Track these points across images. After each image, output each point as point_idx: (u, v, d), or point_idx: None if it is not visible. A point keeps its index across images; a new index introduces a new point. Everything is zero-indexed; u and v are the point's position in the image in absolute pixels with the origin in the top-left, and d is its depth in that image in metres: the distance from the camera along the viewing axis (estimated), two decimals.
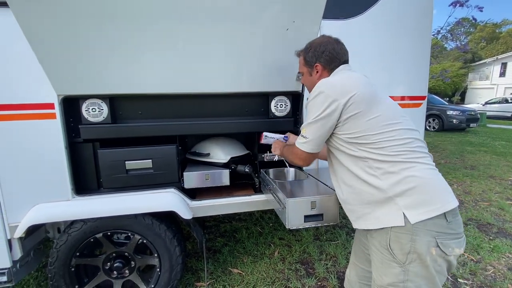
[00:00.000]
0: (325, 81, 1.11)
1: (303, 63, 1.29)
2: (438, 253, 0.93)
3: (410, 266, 0.95)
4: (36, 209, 1.51)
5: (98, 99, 1.56)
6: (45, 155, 1.49)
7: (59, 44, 1.32)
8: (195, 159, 1.99)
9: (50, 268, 1.58)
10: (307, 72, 1.28)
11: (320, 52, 1.20)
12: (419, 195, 0.95)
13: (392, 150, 1.00)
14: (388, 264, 0.99)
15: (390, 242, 0.98)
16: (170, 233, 1.68)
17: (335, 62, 1.20)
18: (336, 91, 1.06)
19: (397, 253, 0.97)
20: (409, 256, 0.94)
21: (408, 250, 0.94)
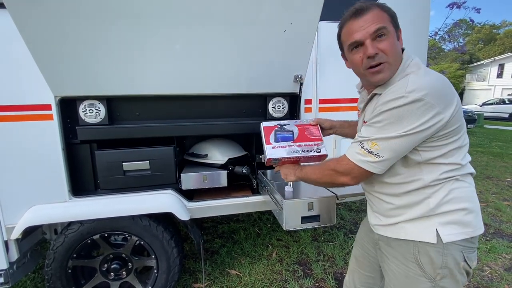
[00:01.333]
0: (426, 82, 0.81)
1: (388, 19, 0.88)
2: (465, 267, 0.90)
3: (441, 282, 0.88)
4: (32, 211, 1.50)
5: (95, 100, 1.56)
6: (42, 157, 1.49)
7: (56, 45, 1.32)
8: (192, 160, 1.99)
9: (46, 269, 1.58)
10: (393, 33, 0.88)
11: (396, 16, 0.91)
12: (457, 215, 0.88)
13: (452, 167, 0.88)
14: (416, 279, 0.91)
15: (420, 256, 0.89)
16: (168, 235, 1.68)
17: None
18: (442, 99, 0.80)
19: (427, 267, 0.89)
20: (441, 271, 0.88)
21: (440, 265, 0.87)
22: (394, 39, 0.88)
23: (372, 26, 0.85)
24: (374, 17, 0.86)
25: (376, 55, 0.86)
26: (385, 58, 0.86)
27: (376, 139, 0.84)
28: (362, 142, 0.88)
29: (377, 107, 0.86)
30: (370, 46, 0.86)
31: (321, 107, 1.87)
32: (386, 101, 0.83)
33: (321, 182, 1.04)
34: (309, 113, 1.85)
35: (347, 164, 0.91)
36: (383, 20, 0.86)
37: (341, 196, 1.39)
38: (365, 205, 3.50)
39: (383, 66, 0.87)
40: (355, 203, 3.49)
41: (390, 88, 0.85)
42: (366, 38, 0.86)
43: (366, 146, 0.86)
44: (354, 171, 0.90)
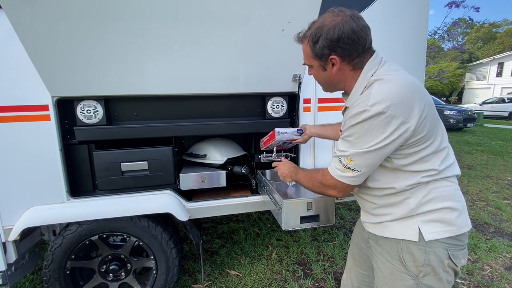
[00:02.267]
0: (388, 92, 0.81)
1: (310, 55, 0.93)
2: (450, 264, 0.90)
3: (424, 279, 0.89)
4: (30, 212, 1.50)
5: (93, 101, 1.55)
6: (40, 157, 1.48)
7: (53, 45, 1.31)
8: (191, 160, 1.99)
9: (45, 271, 1.57)
10: (318, 66, 0.94)
11: (335, 39, 0.85)
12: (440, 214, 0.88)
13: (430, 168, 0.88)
14: (400, 276, 0.92)
15: (403, 253, 0.91)
16: (166, 235, 1.68)
17: (357, 50, 0.87)
18: (405, 108, 0.79)
19: (410, 265, 0.90)
20: (423, 269, 0.89)
21: (422, 263, 0.88)
22: (317, 71, 0.97)
23: (303, 58, 0.99)
24: (303, 51, 0.98)
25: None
26: (316, 80, 1.03)
27: (350, 155, 0.87)
28: (340, 157, 0.90)
29: (346, 120, 0.89)
30: (308, 70, 1.03)
31: (320, 107, 1.87)
32: (352, 115, 0.85)
33: (312, 191, 1.07)
34: (308, 113, 1.84)
35: (331, 179, 0.94)
36: (307, 56, 0.96)
37: None
38: None
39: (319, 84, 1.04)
40: (355, 203, 3.49)
41: (356, 101, 0.87)
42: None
43: (344, 162, 0.89)
44: (338, 185, 0.93)
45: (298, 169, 1.19)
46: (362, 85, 0.89)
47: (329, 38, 0.85)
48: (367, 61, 0.90)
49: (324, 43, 0.87)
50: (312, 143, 1.89)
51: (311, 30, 0.90)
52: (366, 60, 0.90)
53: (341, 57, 0.88)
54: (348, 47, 0.86)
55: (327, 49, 0.87)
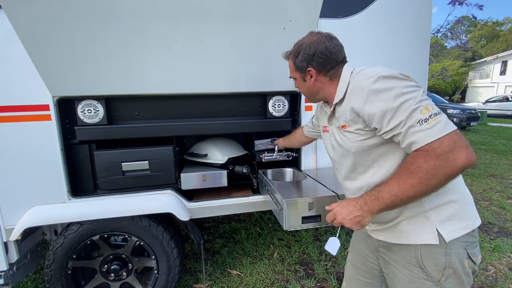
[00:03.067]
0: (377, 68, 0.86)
1: (293, 68, 1.09)
2: (470, 264, 0.88)
3: (446, 283, 0.86)
4: (31, 212, 1.50)
5: (94, 100, 1.55)
6: (41, 157, 1.48)
7: (53, 44, 1.31)
8: (192, 160, 1.98)
9: (46, 270, 1.57)
10: (300, 78, 1.08)
11: (311, 54, 0.99)
12: (452, 209, 0.86)
13: None
14: (421, 283, 0.88)
15: (422, 259, 0.87)
16: (168, 235, 1.67)
17: (330, 63, 0.99)
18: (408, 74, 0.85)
19: (431, 270, 0.86)
20: (445, 272, 0.85)
21: (443, 266, 0.85)
22: (300, 83, 1.11)
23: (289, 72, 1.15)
24: (289, 66, 1.14)
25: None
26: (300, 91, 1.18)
27: (418, 105, 0.75)
28: (418, 120, 0.74)
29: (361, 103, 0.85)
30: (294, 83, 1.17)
31: None
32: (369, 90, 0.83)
33: (431, 184, 0.74)
34: (310, 112, 1.83)
35: (441, 144, 0.71)
36: (291, 70, 1.12)
37: (341, 195, 1.36)
38: None
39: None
40: None
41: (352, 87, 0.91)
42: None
43: (426, 114, 0.73)
44: (453, 140, 0.71)
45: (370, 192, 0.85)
46: (345, 80, 0.96)
47: (306, 53, 1.00)
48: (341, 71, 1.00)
49: (302, 57, 1.02)
50: (314, 144, 1.87)
51: (294, 48, 1.07)
52: (341, 70, 1.00)
53: (317, 69, 1.01)
54: (322, 61, 0.99)
55: (305, 62, 1.02)
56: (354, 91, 0.90)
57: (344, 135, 0.97)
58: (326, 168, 1.90)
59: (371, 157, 0.92)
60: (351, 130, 0.93)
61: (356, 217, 0.86)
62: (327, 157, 1.89)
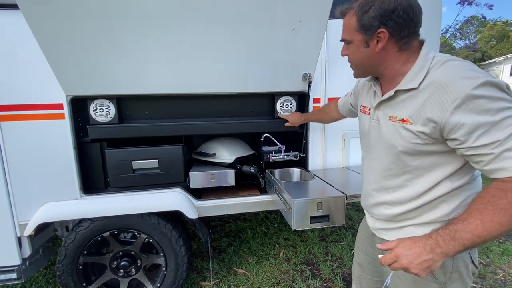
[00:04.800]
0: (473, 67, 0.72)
1: (354, 27, 0.83)
2: (473, 269, 0.86)
3: (452, 286, 0.84)
4: (45, 208, 1.54)
5: (106, 100, 1.58)
6: (54, 155, 1.51)
7: (68, 45, 1.34)
8: (200, 159, 2.00)
9: (58, 265, 1.61)
10: (359, 42, 0.83)
11: (389, 10, 0.76)
12: None
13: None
14: (425, 284, 0.86)
15: None
16: (176, 233, 1.69)
17: (409, 28, 0.77)
18: None
19: (438, 272, 0.83)
20: (452, 276, 0.84)
21: (450, 270, 0.83)
22: (357, 48, 0.85)
23: (342, 33, 0.89)
24: (344, 25, 0.87)
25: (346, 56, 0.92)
26: (350, 61, 0.92)
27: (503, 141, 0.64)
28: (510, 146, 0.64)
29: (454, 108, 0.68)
30: (342, 49, 0.92)
31: None
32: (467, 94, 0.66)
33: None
34: None
35: None
36: (349, 29, 0.85)
37: (350, 196, 1.37)
38: None
39: (351, 67, 0.93)
40: None
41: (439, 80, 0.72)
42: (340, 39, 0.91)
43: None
44: None
45: (443, 231, 0.71)
46: (424, 66, 0.77)
47: (383, 8, 0.76)
48: (415, 45, 0.80)
49: (375, 13, 0.77)
50: (322, 143, 1.88)
51: (360, 0, 0.81)
52: (414, 44, 0.80)
53: (391, 33, 0.78)
54: (401, 22, 0.76)
55: (377, 20, 0.77)
56: (438, 89, 0.71)
57: (397, 129, 0.81)
58: (334, 169, 1.90)
59: (416, 163, 0.81)
60: (412, 129, 0.77)
61: (426, 261, 0.69)
62: (335, 158, 1.92)
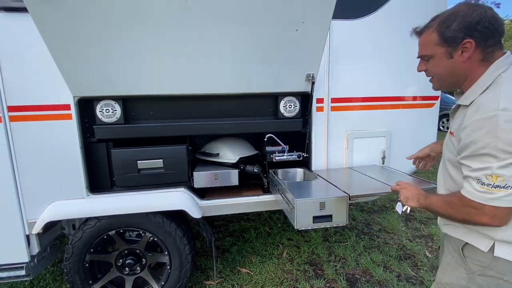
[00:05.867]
0: None
1: (435, 42, 0.88)
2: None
3: (480, 278, 0.88)
4: (53, 207, 1.57)
5: (112, 100, 1.61)
6: (62, 155, 1.55)
7: (75, 47, 1.37)
8: (204, 159, 2.02)
9: (65, 263, 1.64)
10: (443, 54, 0.88)
11: (474, 22, 0.80)
12: None
13: None
14: (455, 267, 0.95)
15: (464, 249, 0.92)
16: (180, 232, 1.71)
17: (494, 38, 0.82)
18: None
19: (470, 261, 0.90)
20: (484, 270, 0.87)
21: (485, 265, 0.86)
22: (440, 61, 0.90)
23: (419, 51, 0.97)
24: (422, 42, 0.96)
25: (424, 71, 1.00)
26: (431, 74, 0.98)
27: (495, 171, 0.75)
28: (478, 178, 0.78)
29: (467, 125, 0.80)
30: (419, 65, 1.00)
31: (333, 106, 1.86)
32: (478, 119, 0.77)
33: (453, 218, 0.91)
34: (321, 112, 1.84)
35: (479, 206, 0.80)
36: (428, 45, 0.92)
37: (353, 196, 1.37)
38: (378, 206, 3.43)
39: (431, 80, 1.00)
40: (367, 204, 3.44)
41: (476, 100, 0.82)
42: (418, 56, 1.00)
43: (488, 182, 0.77)
44: (488, 210, 0.78)
45: (427, 193, 1.02)
46: (486, 82, 0.83)
47: (467, 21, 0.81)
48: (497, 56, 0.84)
49: (459, 26, 0.82)
50: (325, 143, 1.88)
51: (440, 18, 0.88)
52: (496, 55, 0.84)
53: (477, 42, 0.82)
54: (487, 32, 0.80)
55: (462, 32, 0.82)
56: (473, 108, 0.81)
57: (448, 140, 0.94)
58: (337, 169, 1.91)
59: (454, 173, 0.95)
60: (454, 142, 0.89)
61: (407, 196, 1.05)
62: (338, 158, 1.93)
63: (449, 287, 0.95)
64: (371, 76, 1.88)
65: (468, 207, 0.82)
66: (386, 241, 2.63)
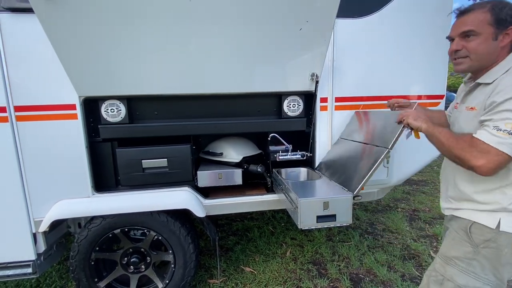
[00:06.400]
0: None
1: (487, 21, 0.95)
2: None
3: (484, 250, 0.99)
4: (59, 205, 1.59)
5: (117, 100, 1.62)
6: (68, 154, 1.56)
7: (80, 47, 1.38)
8: (208, 158, 2.03)
9: (71, 261, 1.66)
10: (489, 35, 0.96)
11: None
12: None
13: None
14: (460, 242, 1.04)
15: (471, 227, 1.02)
16: (184, 230, 1.72)
17: None
18: None
19: (475, 237, 1.00)
20: (487, 243, 0.98)
21: (488, 238, 0.97)
22: (485, 40, 0.96)
23: (463, 27, 0.99)
24: (469, 20, 0.98)
25: (458, 51, 1.02)
26: (467, 53, 1.00)
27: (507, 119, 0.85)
28: (497, 125, 0.87)
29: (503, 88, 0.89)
30: (455, 44, 1.02)
31: (337, 106, 1.85)
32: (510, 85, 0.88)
33: (449, 152, 0.99)
34: (325, 112, 1.83)
35: (483, 144, 0.89)
36: (478, 22, 0.96)
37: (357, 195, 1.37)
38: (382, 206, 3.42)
39: (463, 60, 1.02)
40: (371, 204, 3.43)
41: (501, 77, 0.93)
42: (455, 35, 1.02)
43: (505, 128, 0.85)
44: (491, 152, 0.87)
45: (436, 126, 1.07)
46: (507, 65, 0.95)
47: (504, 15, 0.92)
48: None
49: (510, 12, 0.93)
50: (329, 142, 1.88)
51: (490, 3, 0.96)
52: None
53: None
54: None
55: (511, 18, 0.93)
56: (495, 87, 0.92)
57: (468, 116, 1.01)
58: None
59: None
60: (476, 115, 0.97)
61: (420, 119, 1.11)
62: None
63: (457, 260, 1.04)
64: (376, 75, 1.87)
65: (473, 148, 0.90)
66: (390, 240, 2.62)
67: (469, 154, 0.91)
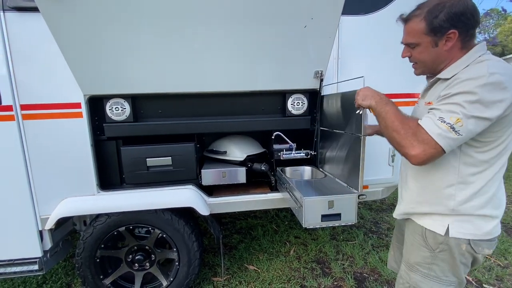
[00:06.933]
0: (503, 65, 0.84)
1: (422, 31, 0.93)
2: (468, 249, 0.97)
3: (440, 254, 1.01)
4: (65, 203, 1.60)
5: (121, 99, 1.63)
6: (73, 152, 1.58)
7: (85, 46, 1.39)
8: (212, 156, 2.03)
9: (77, 258, 1.68)
10: (428, 43, 0.94)
11: (458, 14, 0.87)
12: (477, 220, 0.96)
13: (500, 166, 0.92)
14: (418, 247, 1.06)
15: (426, 232, 1.04)
16: (188, 228, 1.73)
17: (473, 28, 0.91)
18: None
19: (430, 241, 1.03)
20: (441, 246, 1.00)
21: (441, 241, 1.00)
22: (425, 49, 0.96)
23: (405, 38, 1.01)
24: (408, 30, 0.99)
25: (408, 57, 1.05)
26: (415, 60, 1.03)
27: (462, 116, 0.82)
28: (442, 117, 0.84)
29: (452, 86, 0.87)
30: (404, 51, 1.05)
31: None
32: (466, 79, 0.84)
33: (391, 135, 0.94)
34: None
35: (424, 134, 0.86)
36: (415, 34, 0.96)
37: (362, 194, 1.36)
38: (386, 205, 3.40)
39: (415, 66, 1.06)
40: (375, 203, 3.41)
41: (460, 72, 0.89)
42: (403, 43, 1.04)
43: (449, 121, 0.83)
44: (430, 144, 0.85)
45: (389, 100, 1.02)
46: (467, 61, 0.91)
47: (453, 12, 0.88)
48: (472, 44, 0.93)
49: (446, 16, 0.89)
50: None
51: (428, 7, 0.93)
52: (472, 43, 0.93)
53: (460, 33, 0.90)
54: (469, 23, 0.89)
55: (448, 23, 0.89)
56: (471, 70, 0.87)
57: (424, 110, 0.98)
58: None
59: None
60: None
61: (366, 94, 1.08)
62: None
63: (418, 266, 1.06)
64: (381, 73, 1.85)
65: (415, 136, 0.88)
66: None
67: (409, 142, 0.88)
